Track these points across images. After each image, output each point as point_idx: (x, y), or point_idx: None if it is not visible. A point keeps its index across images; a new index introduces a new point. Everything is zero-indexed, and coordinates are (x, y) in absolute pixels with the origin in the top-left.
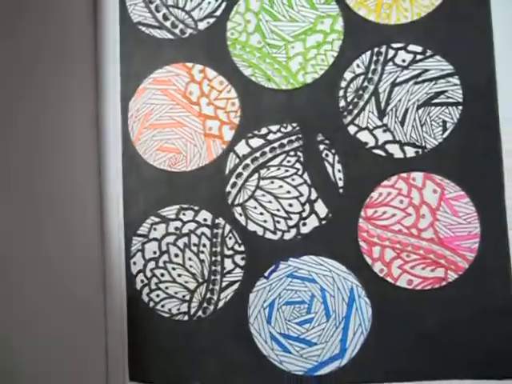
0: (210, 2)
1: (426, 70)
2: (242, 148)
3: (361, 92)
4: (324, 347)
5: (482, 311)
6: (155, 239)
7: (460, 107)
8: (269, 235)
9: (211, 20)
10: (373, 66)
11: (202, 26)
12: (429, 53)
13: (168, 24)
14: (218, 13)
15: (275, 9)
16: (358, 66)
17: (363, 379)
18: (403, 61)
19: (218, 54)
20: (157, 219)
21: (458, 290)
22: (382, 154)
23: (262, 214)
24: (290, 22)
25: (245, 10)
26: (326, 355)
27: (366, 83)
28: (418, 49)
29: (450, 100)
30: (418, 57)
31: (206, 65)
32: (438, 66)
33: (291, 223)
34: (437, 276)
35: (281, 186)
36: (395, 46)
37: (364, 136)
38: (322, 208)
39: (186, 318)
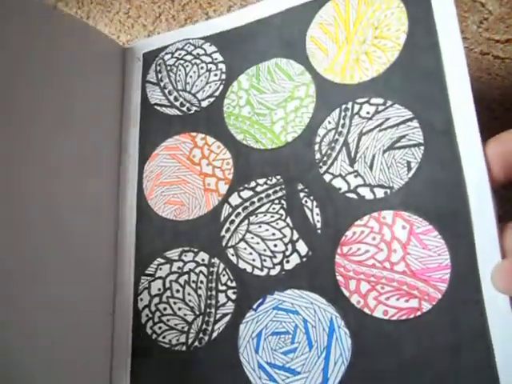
0: (210, 86)
1: (388, 119)
2: (234, 199)
3: (333, 144)
4: (307, 376)
5: (457, 338)
6: (160, 277)
7: (422, 147)
8: (257, 272)
9: (211, 99)
10: (342, 121)
11: (204, 104)
12: (389, 103)
13: (178, 104)
14: (217, 93)
15: (261, 84)
16: (329, 122)
17: None
18: (367, 113)
19: (217, 124)
20: (162, 260)
21: (432, 320)
22: (355, 197)
23: (251, 253)
24: (273, 94)
25: (237, 89)
26: None
27: (336, 136)
28: (380, 101)
29: (412, 142)
30: (380, 108)
31: (207, 134)
32: (398, 114)
33: (276, 261)
34: (411, 306)
35: (267, 230)
36: (359, 101)
37: (338, 182)
38: (302, 247)
39: (184, 348)
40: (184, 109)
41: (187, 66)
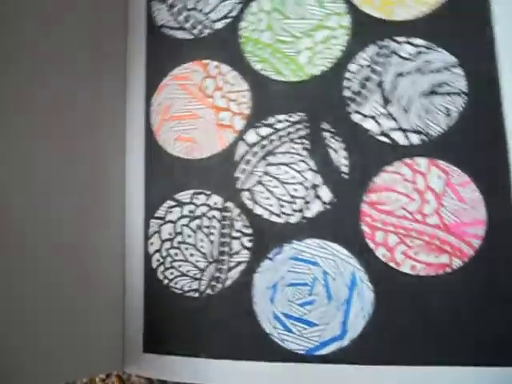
0: (225, 5)
1: (430, 62)
2: (251, 136)
3: (366, 82)
4: (325, 328)
5: (487, 299)
6: (171, 221)
7: (464, 96)
8: (274, 218)
9: (227, 20)
10: (377, 59)
11: (217, 26)
12: (432, 46)
13: (188, 26)
14: (233, 13)
15: (286, 7)
16: (363, 58)
17: (363, 361)
18: (407, 53)
19: (232, 51)
20: (173, 203)
21: (463, 277)
22: (386, 140)
23: (268, 198)
24: (299, 20)
25: (257, 10)
26: (326, 336)
27: (370, 74)
28: (423, 42)
29: (454, 89)
30: (422, 49)
31: (221, 61)
32: (441, 58)
33: (296, 207)
34: (441, 262)
35: (287, 172)
36: (400, 39)
37: (368, 124)
38: (326, 193)
39: (196, 294)
40: (195, 31)
41: None
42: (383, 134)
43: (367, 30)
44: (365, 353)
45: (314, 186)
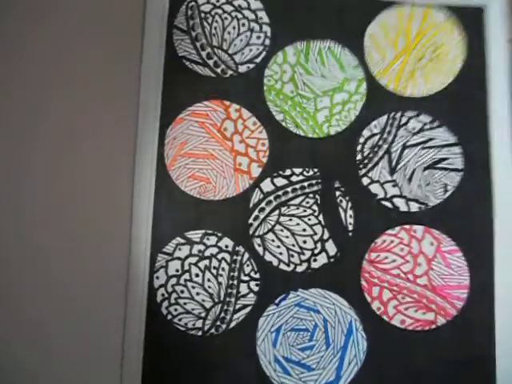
0: (251, 50)
1: (433, 139)
2: (266, 185)
3: (376, 149)
4: (321, 373)
5: (465, 356)
6: (179, 258)
7: (460, 173)
8: (283, 266)
9: (251, 65)
10: (388, 128)
11: (242, 69)
12: (436, 123)
13: (211, 63)
14: (258, 59)
15: (309, 65)
16: (375, 126)
17: None
18: (414, 128)
19: (254, 96)
20: (182, 240)
21: (445, 334)
22: (390, 205)
23: (278, 246)
24: (320, 78)
25: (282, 61)
26: (322, 381)
27: (380, 142)
28: (428, 119)
29: (452, 166)
30: (427, 126)
31: (242, 105)
32: (443, 136)
33: (303, 258)
34: (427, 319)
35: (298, 224)
36: (408, 114)
37: (375, 188)
38: (331, 247)
39: (199, 333)
40: (218, 70)
41: (226, 18)
42: (387, 199)
43: (381, 99)
44: None
45: (322, 240)
